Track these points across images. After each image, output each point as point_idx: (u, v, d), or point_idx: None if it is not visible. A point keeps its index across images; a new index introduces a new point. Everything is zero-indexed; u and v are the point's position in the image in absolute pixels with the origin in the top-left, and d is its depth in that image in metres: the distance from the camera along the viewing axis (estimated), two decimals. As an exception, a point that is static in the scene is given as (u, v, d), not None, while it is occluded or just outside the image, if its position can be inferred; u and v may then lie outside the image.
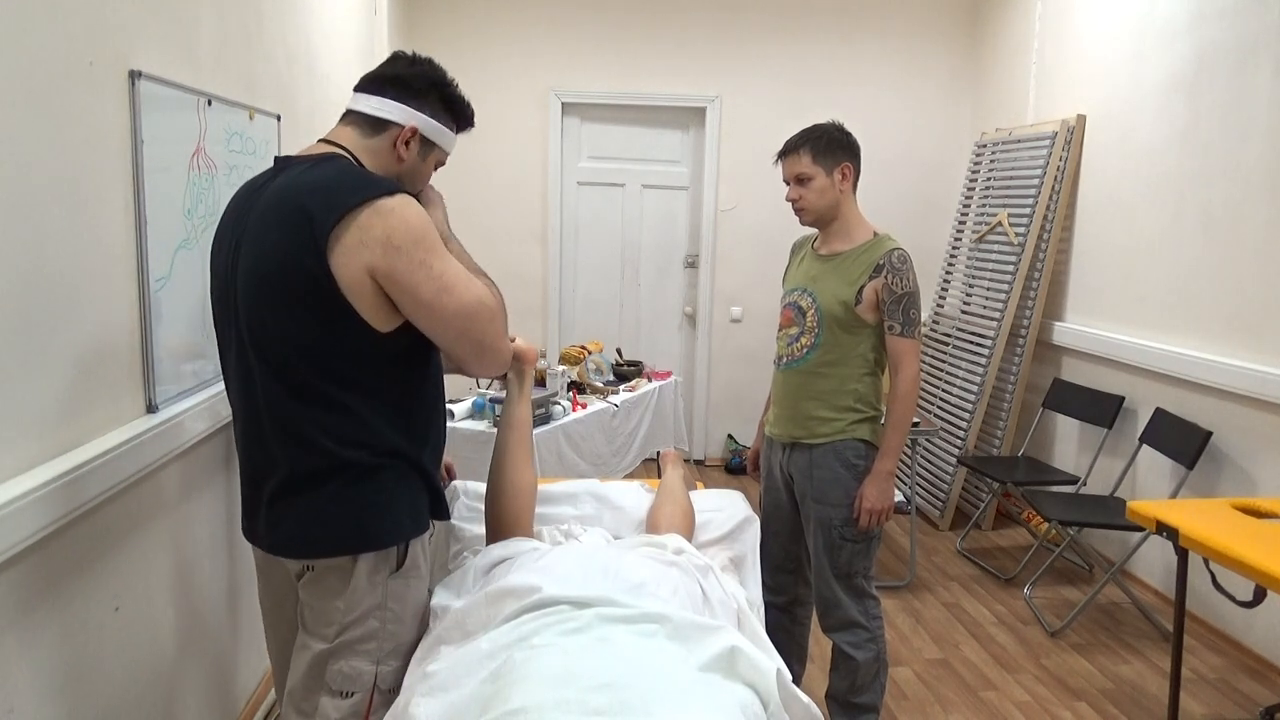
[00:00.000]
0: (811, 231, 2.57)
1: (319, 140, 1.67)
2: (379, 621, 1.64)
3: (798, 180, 2.41)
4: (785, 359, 2.51)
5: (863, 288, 2.36)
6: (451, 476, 2.80)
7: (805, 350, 2.45)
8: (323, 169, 1.55)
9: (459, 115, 1.74)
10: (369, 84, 1.66)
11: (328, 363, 1.54)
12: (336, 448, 1.56)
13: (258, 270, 1.53)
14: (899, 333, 2.36)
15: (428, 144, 1.69)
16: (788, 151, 2.42)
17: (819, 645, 2.92)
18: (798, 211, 2.45)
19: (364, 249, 1.47)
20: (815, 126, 2.42)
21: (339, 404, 1.56)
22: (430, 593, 1.80)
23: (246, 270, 1.56)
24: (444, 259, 1.54)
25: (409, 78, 1.66)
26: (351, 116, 1.66)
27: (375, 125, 1.64)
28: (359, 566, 1.61)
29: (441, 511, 1.76)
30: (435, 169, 1.77)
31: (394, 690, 1.65)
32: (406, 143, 1.65)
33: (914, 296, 2.36)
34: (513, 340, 1.94)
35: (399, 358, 1.60)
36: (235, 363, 1.63)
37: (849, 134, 2.43)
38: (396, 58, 1.69)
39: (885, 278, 2.34)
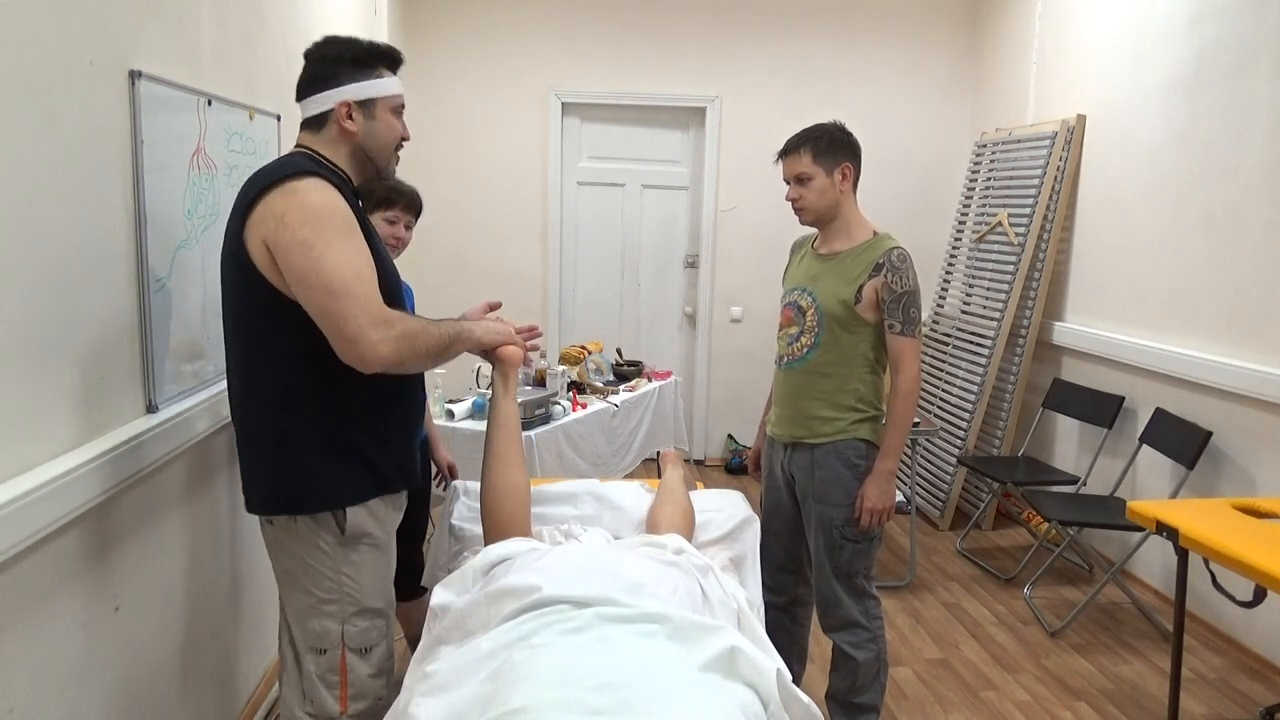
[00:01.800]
0: (812, 231, 2.56)
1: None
2: (334, 584, 1.78)
3: (798, 180, 2.40)
4: (786, 358, 2.51)
5: (862, 286, 2.35)
6: (454, 476, 2.79)
7: (805, 350, 2.45)
8: (270, 162, 1.77)
9: (378, 60, 1.82)
10: (298, 91, 1.82)
11: (256, 333, 1.71)
12: (265, 413, 1.74)
13: (222, 256, 1.76)
14: (899, 331, 2.36)
15: (367, 104, 1.80)
16: (788, 151, 2.42)
17: (819, 645, 2.92)
18: (797, 211, 2.45)
19: (263, 224, 1.64)
20: (816, 126, 2.42)
21: (266, 372, 1.72)
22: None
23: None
24: (328, 243, 1.62)
25: (317, 68, 1.80)
26: (303, 124, 1.84)
27: (317, 121, 1.80)
28: (299, 528, 1.76)
29: (387, 486, 1.84)
30: (399, 115, 1.85)
31: (365, 649, 1.81)
32: (349, 117, 1.78)
33: (914, 295, 2.36)
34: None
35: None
36: None
37: (850, 134, 2.43)
38: (306, 56, 1.82)
39: (885, 276, 2.34)
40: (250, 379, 1.74)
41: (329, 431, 1.75)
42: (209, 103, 2.19)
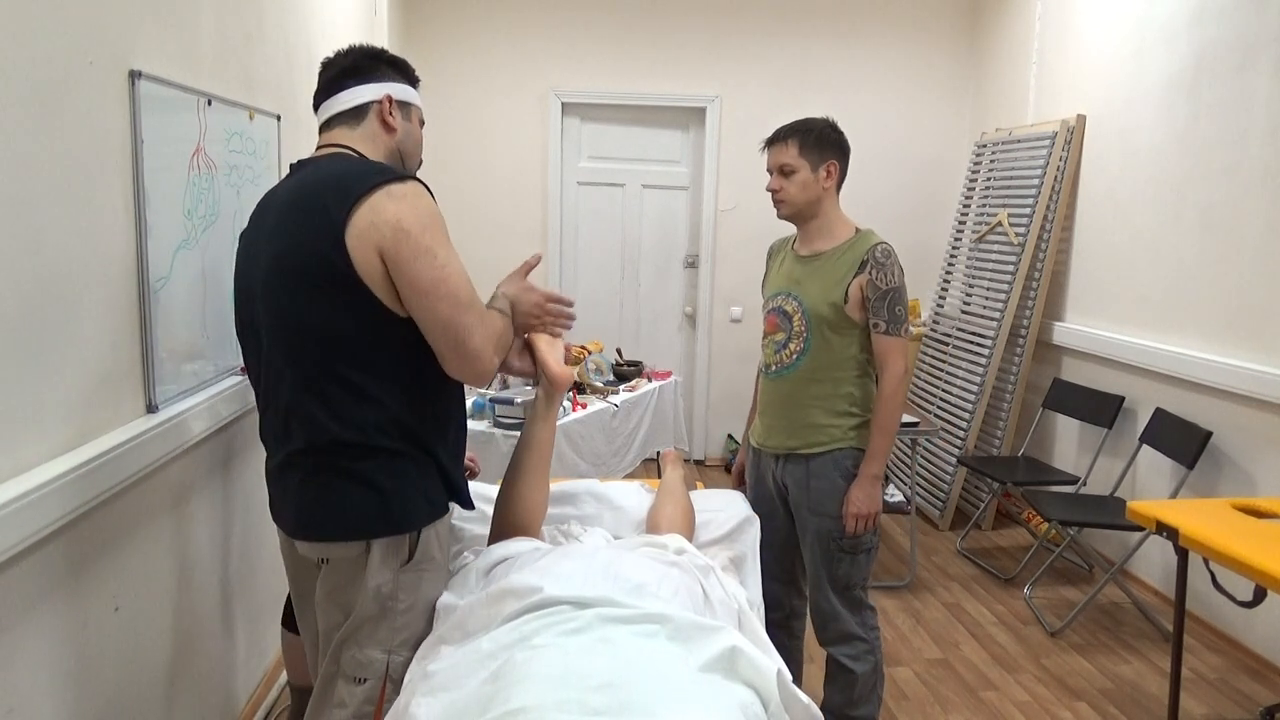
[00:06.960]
0: (788, 233, 2.53)
1: (318, 148, 1.75)
2: (391, 612, 1.68)
3: (781, 171, 2.36)
4: (774, 366, 2.44)
5: (849, 286, 2.30)
6: (475, 473, 2.74)
7: (795, 356, 2.39)
8: (335, 164, 1.65)
9: (407, 71, 1.85)
10: (328, 88, 1.76)
11: (347, 348, 1.60)
12: (356, 434, 1.62)
13: (278, 263, 1.62)
14: (884, 331, 2.30)
15: (404, 106, 1.80)
16: (774, 140, 2.38)
17: (818, 645, 2.91)
18: (777, 204, 2.39)
19: (375, 230, 1.55)
20: (807, 120, 2.37)
21: (357, 389, 1.61)
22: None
23: (266, 266, 1.64)
24: (449, 250, 1.61)
25: (354, 64, 1.77)
26: (332, 120, 1.76)
27: (356, 113, 1.75)
28: (372, 555, 1.65)
29: (462, 500, 1.80)
30: (421, 127, 1.87)
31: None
32: (391, 112, 1.76)
33: (899, 292, 2.29)
34: (574, 357, 1.95)
35: (418, 344, 1.64)
36: (260, 361, 1.71)
37: (840, 132, 2.38)
38: (328, 63, 1.78)
39: (869, 273, 2.27)
40: (344, 403, 1.61)
41: (428, 449, 1.69)
42: (209, 103, 2.19)
